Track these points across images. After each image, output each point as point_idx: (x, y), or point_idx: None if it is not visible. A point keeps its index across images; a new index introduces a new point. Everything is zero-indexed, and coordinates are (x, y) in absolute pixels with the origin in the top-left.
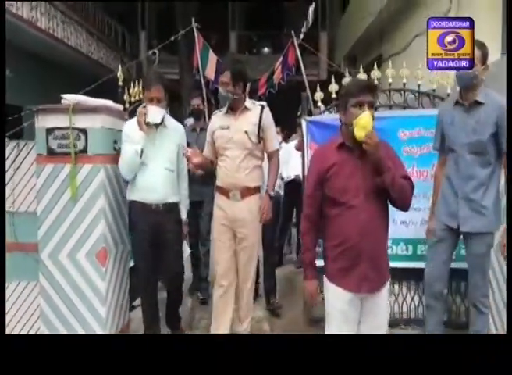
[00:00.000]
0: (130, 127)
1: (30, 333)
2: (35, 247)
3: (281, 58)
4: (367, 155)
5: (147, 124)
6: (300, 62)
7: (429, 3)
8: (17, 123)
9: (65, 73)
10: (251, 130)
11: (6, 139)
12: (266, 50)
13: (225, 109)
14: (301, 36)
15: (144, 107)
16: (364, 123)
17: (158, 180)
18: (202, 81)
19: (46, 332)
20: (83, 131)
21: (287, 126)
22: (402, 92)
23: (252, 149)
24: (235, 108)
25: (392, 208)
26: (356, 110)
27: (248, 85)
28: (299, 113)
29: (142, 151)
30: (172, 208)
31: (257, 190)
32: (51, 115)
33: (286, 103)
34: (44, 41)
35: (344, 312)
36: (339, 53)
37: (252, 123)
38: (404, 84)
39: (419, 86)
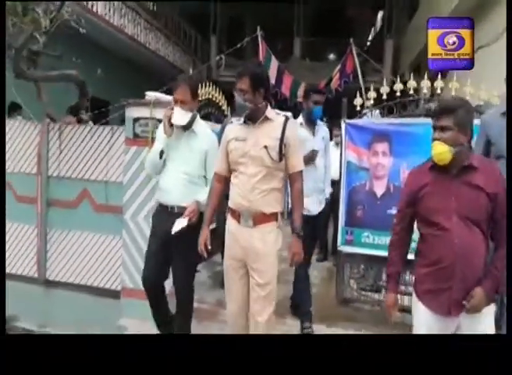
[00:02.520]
0: (161, 128)
1: (111, 277)
2: (120, 209)
3: (339, 66)
4: (461, 177)
5: (172, 126)
6: (358, 69)
7: (499, 13)
8: (106, 114)
9: (144, 73)
10: (272, 144)
11: (102, 125)
12: (329, 56)
13: (242, 119)
14: (368, 43)
15: (171, 109)
16: (434, 153)
17: (174, 182)
18: None
19: (126, 277)
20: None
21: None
22: None
23: (271, 168)
24: (254, 117)
25: None
26: (434, 134)
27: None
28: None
29: (162, 152)
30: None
31: (273, 217)
32: (137, 107)
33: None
34: (129, 44)
35: (431, 331)
36: (405, 61)
37: (273, 137)
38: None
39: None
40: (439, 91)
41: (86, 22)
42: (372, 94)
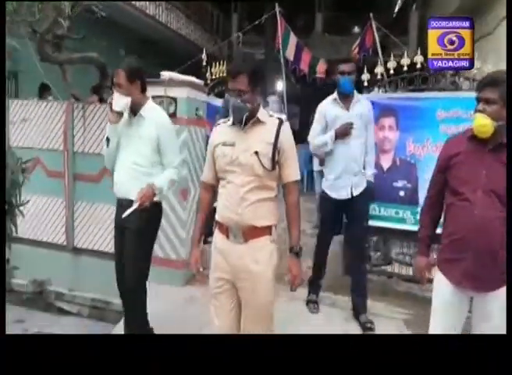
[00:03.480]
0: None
1: None
2: None
3: (358, 40)
4: (495, 153)
5: (119, 114)
6: (378, 43)
7: None
8: None
9: (165, 52)
10: (264, 150)
11: None
12: (350, 31)
13: (230, 120)
14: (393, 15)
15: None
16: (475, 124)
17: (125, 174)
18: (282, 62)
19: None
20: (174, 99)
21: None
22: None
23: (263, 177)
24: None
25: None
26: (478, 106)
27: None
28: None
29: (108, 140)
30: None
31: (267, 231)
32: (152, 86)
33: None
34: (151, 24)
35: (445, 303)
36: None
37: (265, 142)
38: None
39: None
40: None
41: (107, 4)
42: (391, 64)
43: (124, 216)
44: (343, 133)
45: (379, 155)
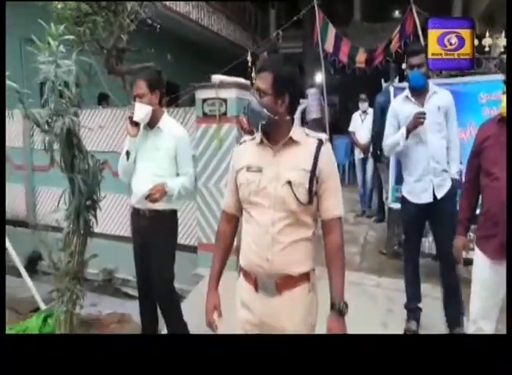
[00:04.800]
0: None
1: (189, 235)
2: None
3: (399, 27)
4: None
5: (136, 125)
6: (419, 28)
7: None
8: (177, 97)
9: (207, 54)
10: (299, 179)
11: (176, 107)
12: (390, 17)
13: (258, 137)
14: None
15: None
16: (502, 106)
17: (143, 184)
18: (321, 54)
19: (201, 234)
20: (225, 100)
21: None
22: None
23: (298, 213)
24: (274, 137)
25: None
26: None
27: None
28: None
29: (128, 153)
30: (162, 216)
31: (304, 278)
32: (205, 89)
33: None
34: (194, 29)
35: (483, 278)
36: (475, 13)
37: (301, 168)
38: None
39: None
40: (487, 49)
41: (156, 13)
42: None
43: (133, 202)
44: (415, 125)
45: None
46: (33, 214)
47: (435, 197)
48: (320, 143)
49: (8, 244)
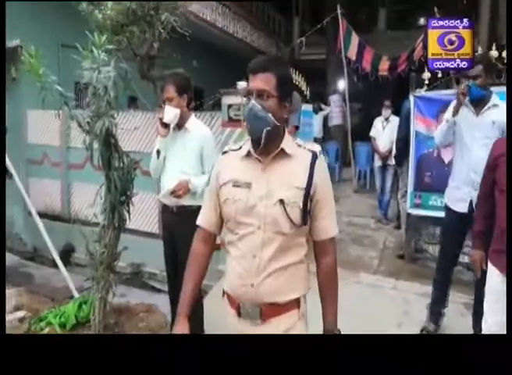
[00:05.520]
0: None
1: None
2: None
3: (422, 35)
4: None
5: (166, 127)
6: None
7: None
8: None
9: (232, 60)
10: (293, 198)
11: (203, 111)
12: (415, 25)
13: (245, 147)
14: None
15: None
16: None
17: (171, 182)
18: (344, 61)
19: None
20: None
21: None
22: None
23: (291, 235)
24: (266, 148)
25: None
26: None
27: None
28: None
29: (159, 152)
30: (189, 211)
31: (293, 305)
32: (230, 95)
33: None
34: (220, 36)
35: (495, 291)
36: (502, 21)
37: (294, 185)
38: None
39: None
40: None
41: (186, 22)
42: (427, 75)
43: (161, 197)
44: (461, 96)
45: (441, 149)
46: (68, 209)
47: (471, 209)
48: (314, 156)
49: (46, 237)
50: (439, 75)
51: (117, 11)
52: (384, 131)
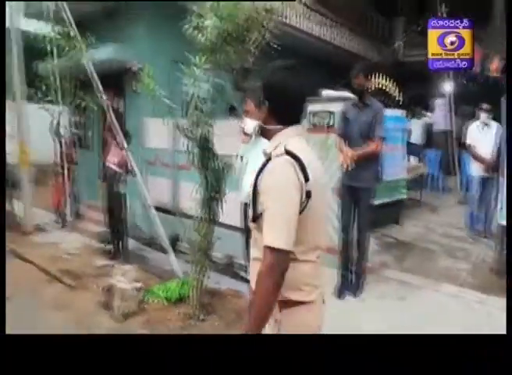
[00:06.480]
0: None
1: None
2: None
3: None
4: None
5: (247, 134)
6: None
7: None
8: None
9: (328, 68)
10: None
11: None
12: None
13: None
14: None
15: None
16: None
17: (247, 182)
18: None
19: None
20: (332, 113)
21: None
22: None
23: (253, 229)
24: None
25: None
26: None
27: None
28: None
29: (242, 157)
30: None
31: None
32: (314, 103)
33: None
34: (317, 44)
35: None
36: None
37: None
38: None
39: None
40: None
41: (277, 35)
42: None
43: (242, 198)
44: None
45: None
46: (176, 203)
47: None
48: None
49: (160, 227)
50: None
51: (215, 34)
52: (486, 137)
